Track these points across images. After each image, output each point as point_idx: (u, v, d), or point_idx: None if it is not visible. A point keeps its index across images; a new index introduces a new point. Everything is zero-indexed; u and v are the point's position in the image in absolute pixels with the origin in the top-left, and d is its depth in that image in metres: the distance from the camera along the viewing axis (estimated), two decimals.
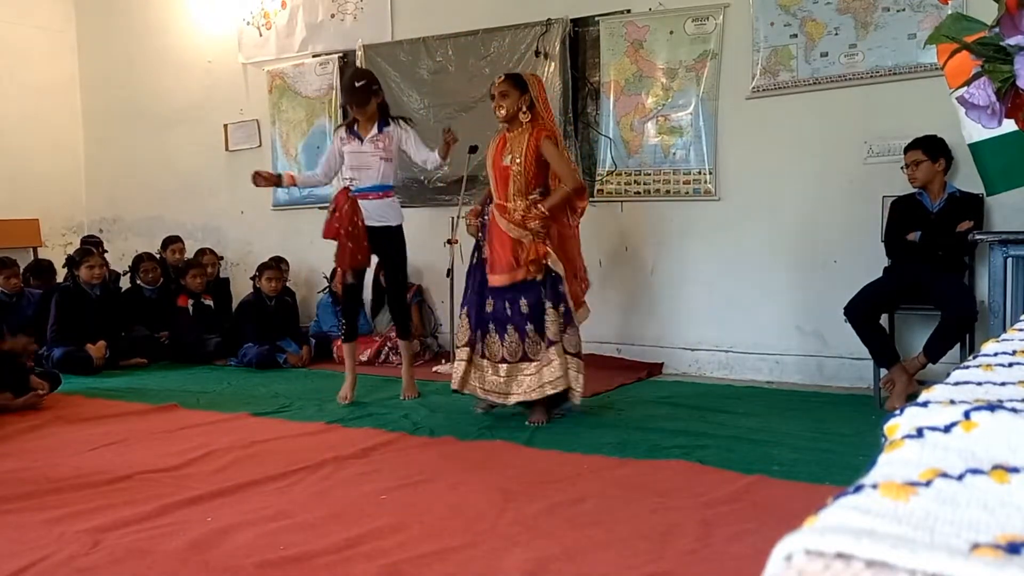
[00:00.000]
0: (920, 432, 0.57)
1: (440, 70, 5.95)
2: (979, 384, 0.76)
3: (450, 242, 5.32)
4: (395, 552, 2.34)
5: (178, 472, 3.17)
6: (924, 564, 0.38)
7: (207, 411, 4.30)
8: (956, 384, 0.77)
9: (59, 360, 5.41)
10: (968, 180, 4.17)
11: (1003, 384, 0.76)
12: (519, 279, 3.82)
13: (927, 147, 4.15)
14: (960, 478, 0.49)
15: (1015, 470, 0.50)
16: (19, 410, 4.27)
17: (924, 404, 0.63)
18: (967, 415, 0.58)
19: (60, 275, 6.41)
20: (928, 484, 0.48)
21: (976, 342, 3.95)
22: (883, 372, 4.19)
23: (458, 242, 5.20)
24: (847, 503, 0.46)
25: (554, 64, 5.47)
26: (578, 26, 5.48)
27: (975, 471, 0.50)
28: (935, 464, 0.52)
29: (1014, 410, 0.58)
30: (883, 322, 4.22)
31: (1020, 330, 1.13)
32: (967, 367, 0.86)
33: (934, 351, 3.96)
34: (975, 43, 1.39)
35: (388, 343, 5.71)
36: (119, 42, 7.58)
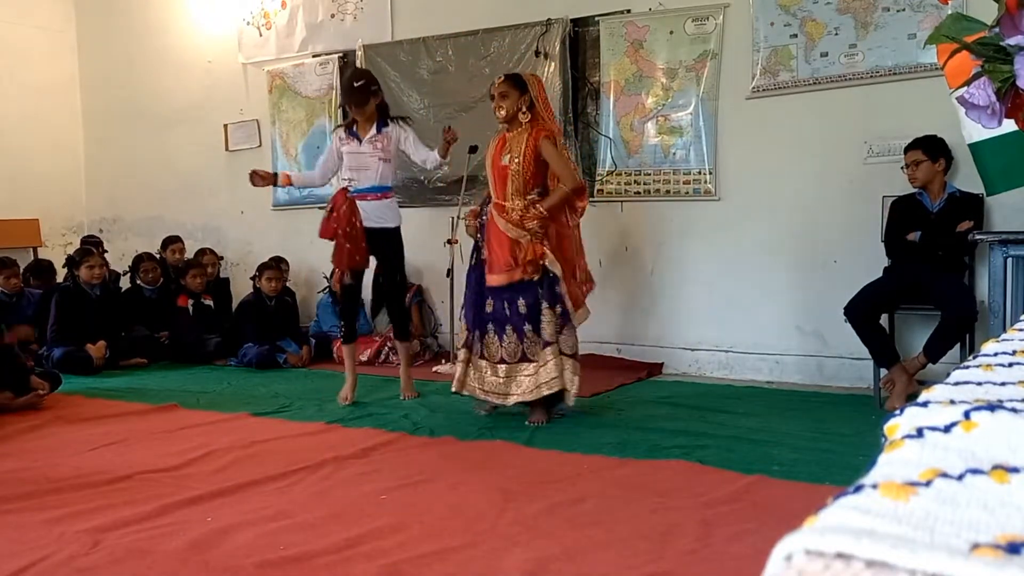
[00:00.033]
0: (920, 432, 0.57)
1: (440, 70, 5.95)
2: (979, 384, 0.76)
3: (450, 242, 5.33)
4: (395, 552, 2.34)
5: (178, 472, 3.17)
6: (924, 564, 0.38)
7: (207, 411, 4.30)
8: (956, 384, 0.77)
9: (59, 360, 5.41)
10: (968, 180, 4.17)
11: (1003, 384, 0.76)
12: (516, 279, 3.82)
13: (927, 147, 4.15)
14: (960, 478, 0.49)
15: (1015, 470, 0.50)
16: (19, 410, 4.27)
17: (924, 404, 0.63)
18: (967, 415, 0.58)
19: (60, 275, 6.42)
20: (928, 484, 0.48)
21: (976, 342, 3.95)
22: (883, 372, 4.19)
23: (458, 242, 5.20)
24: (847, 503, 0.46)
25: (554, 64, 5.47)
26: (578, 26, 5.48)
27: (975, 471, 0.50)
28: (935, 464, 0.52)
29: (1014, 410, 0.58)
30: (883, 322, 4.22)
31: (1020, 330, 1.13)
32: (967, 367, 0.85)
33: (934, 351, 3.97)
34: (975, 43, 1.39)
35: (388, 343, 5.70)
36: (119, 42, 7.58)
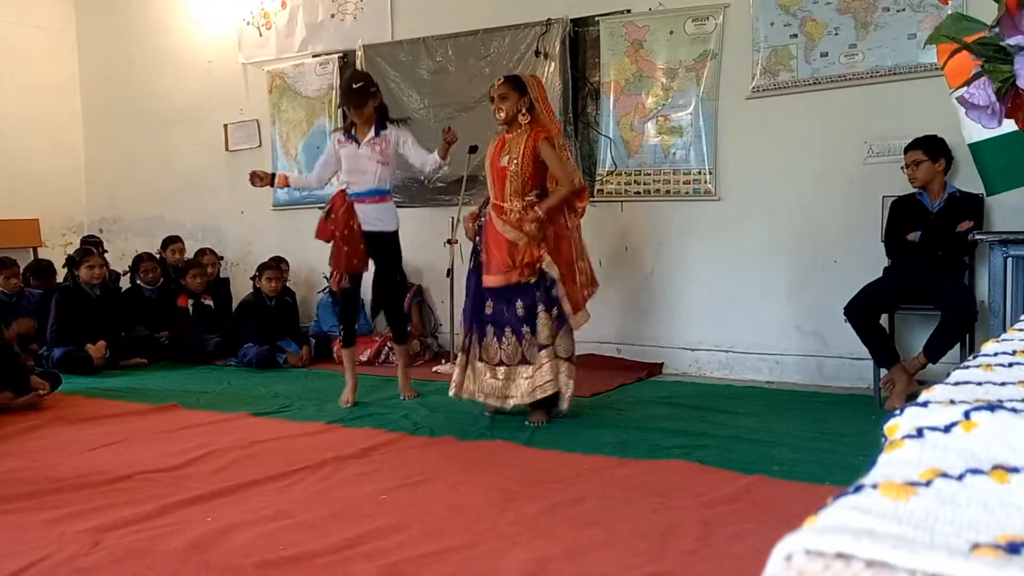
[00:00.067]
0: (920, 432, 0.57)
1: (440, 70, 5.95)
2: (979, 384, 0.76)
3: (450, 242, 5.33)
4: (395, 552, 2.34)
5: (178, 472, 3.17)
6: (924, 564, 0.38)
7: (207, 411, 4.30)
8: (956, 384, 0.77)
9: (59, 360, 5.41)
10: (968, 180, 4.17)
11: (1003, 384, 0.76)
12: (513, 281, 3.81)
13: (927, 147, 4.15)
14: (960, 478, 0.49)
15: (1015, 470, 0.50)
16: (19, 410, 4.27)
17: (924, 404, 0.63)
18: (967, 415, 0.58)
19: (60, 275, 6.42)
20: (928, 484, 0.48)
21: (976, 342, 3.95)
22: (883, 372, 4.19)
23: (458, 242, 5.20)
24: (847, 503, 0.46)
25: (554, 64, 5.47)
26: (578, 26, 5.48)
27: (975, 471, 0.50)
28: (935, 464, 0.52)
29: (1014, 410, 0.58)
30: (883, 322, 4.22)
31: (1020, 330, 1.13)
32: (967, 367, 0.85)
33: (934, 351, 3.96)
34: (975, 43, 1.39)
35: (388, 343, 5.70)
36: (119, 42, 7.58)
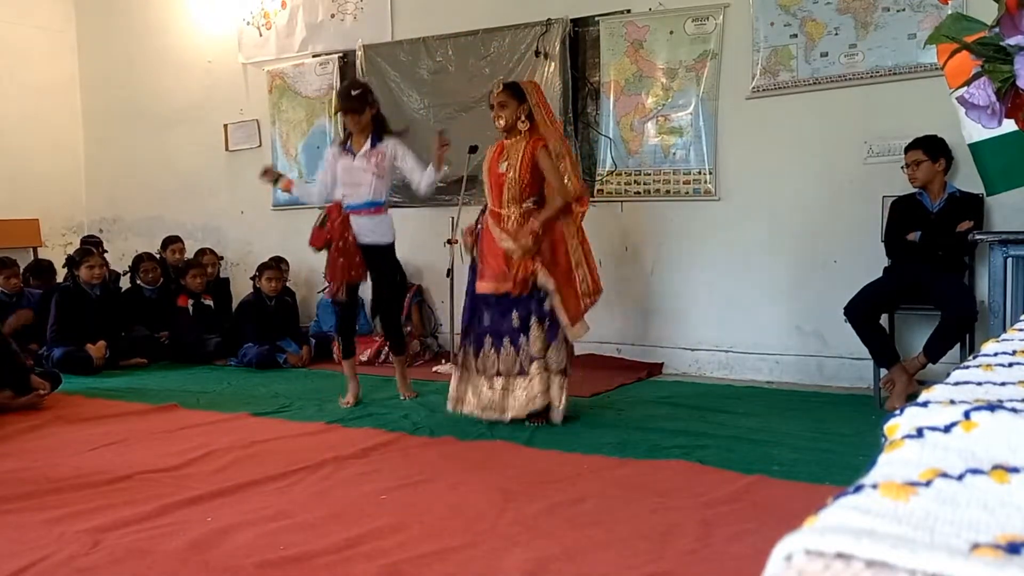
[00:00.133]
0: (920, 432, 0.57)
1: (440, 70, 5.94)
2: (979, 384, 0.76)
3: (450, 242, 5.32)
4: (395, 552, 2.34)
5: (178, 472, 3.17)
6: (924, 564, 0.38)
7: (207, 411, 4.30)
8: (956, 384, 0.77)
9: (59, 360, 5.41)
10: (968, 180, 4.17)
11: (1003, 384, 0.76)
12: (502, 291, 3.79)
13: (927, 147, 4.15)
14: (960, 478, 0.49)
15: (1015, 470, 0.50)
16: (19, 410, 4.27)
17: (924, 404, 0.63)
18: (967, 415, 0.58)
19: (60, 275, 6.41)
20: (928, 484, 0.48)
21: (976, 342, 3.95)
22: (883, 372, 4.19)
23: (458, 242, 5.19)
24: (847, 503, 0.46)
25: (554, 64, 5.47)
26: (578, 26, 5.48)
27: (975, 471, 0.50)
28: (935, 464, 0.52)
29: (1014, 410, 0.58)
30: (883, 322, 4.22)
31: (1020, 330, 1.13)
32: (967, 367, 0.85)
33: (934, 351, 3.96)
34: (975, 43, 1.39)
35: (387, 344, 5.69)
36: (119, 42, 7.58)
